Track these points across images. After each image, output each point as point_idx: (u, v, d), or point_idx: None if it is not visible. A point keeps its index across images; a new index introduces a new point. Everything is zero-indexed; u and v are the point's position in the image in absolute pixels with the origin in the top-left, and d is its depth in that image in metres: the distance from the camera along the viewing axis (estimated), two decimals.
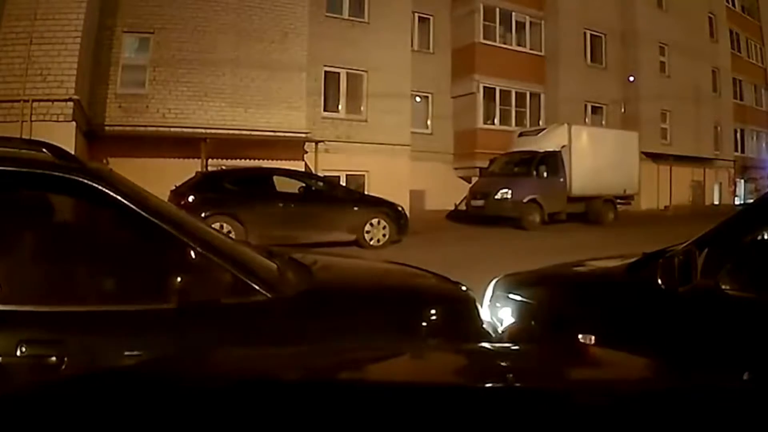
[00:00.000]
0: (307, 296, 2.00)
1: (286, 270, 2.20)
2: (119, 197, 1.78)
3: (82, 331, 1.65)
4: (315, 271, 2.34)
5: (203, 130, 12.49)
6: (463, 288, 2.51)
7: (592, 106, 21.83)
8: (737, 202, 25.28)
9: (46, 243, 1.89)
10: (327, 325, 1.90)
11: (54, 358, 1.56)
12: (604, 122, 21.73)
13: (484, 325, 2.34)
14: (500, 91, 19.58)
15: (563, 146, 15.26)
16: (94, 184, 1.77)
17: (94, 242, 2.01)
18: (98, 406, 0.87)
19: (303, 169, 13.12)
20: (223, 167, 11.80)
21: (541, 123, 19.24)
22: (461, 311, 2.28)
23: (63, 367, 1.56)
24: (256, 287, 1.84)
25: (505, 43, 19.97)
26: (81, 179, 1.77)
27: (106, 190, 1.77)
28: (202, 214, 9.04)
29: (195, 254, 1.79)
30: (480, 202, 14.72)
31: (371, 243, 10.18)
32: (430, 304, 2.26)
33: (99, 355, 1.61)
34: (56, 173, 1.78)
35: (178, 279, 1.69)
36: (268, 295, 1.85)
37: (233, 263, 1.87)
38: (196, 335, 1.71)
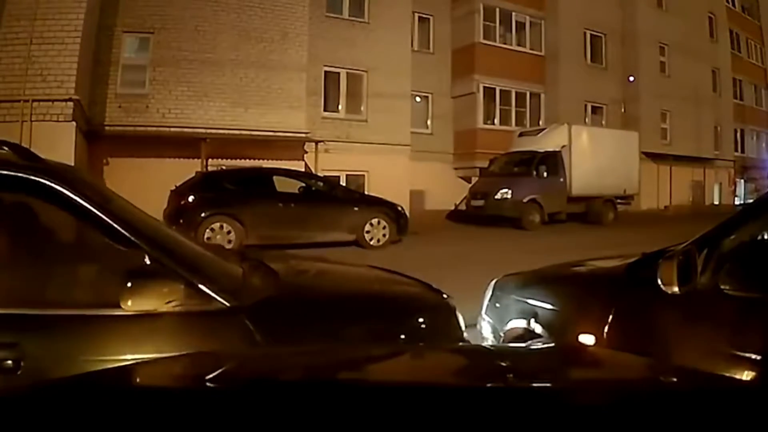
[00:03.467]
0: (269, 304, 1.93)
1: (253, 276, 2.14)
2: (78, 198, 1.73)
3: (37, 335, 1.62)
4: (284, 276, 2.27)
5: (203, 130, 12.48)
6: (445, 296, 2.42)
7: (592, 106, 21.83)
8: (737, 202, 25.28)
9: (1, 244, 1.85)
10: (287, 334, 1.84)
11: (10, 362, 1.54)
12: (604, 122, 21.74)
13: (464, 335, 2.26)
14: (500, 91, 19.58)
15: (563, 146, 15.27)
16: (53, 185, 1.72)
17: (50, 244, 1.96)
18: (97, 406, 0.87)
19: (303, 169, 13.12)
20: (223, 167, 11.80)
21: (541, 123, 19.24)
22: (441, 321, 2.20)
23: (19, 371, 1.53)
24: (213, 295, 1.79)
25: (505, 43, 19.97)
26: (39, 179, 1.72)
27: (65, 191, 1.73)
28: (202, 214, 9.06)
29: (152, 259, 1.75)
30: (480, 202, 14.73)
31: (371, 243, 10.18)
32: (408, 313, 2.19)
33: (52, 359, 1.58)
34: (13, 173, 1.73)
35: (133, 284, 1.66)
36: (226, 303, 1.79)
37: (191, 269, 1.81)
38: (147, 342, 1.67)
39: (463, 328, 2.26)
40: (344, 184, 13.85)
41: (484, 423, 0.79)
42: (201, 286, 1.78)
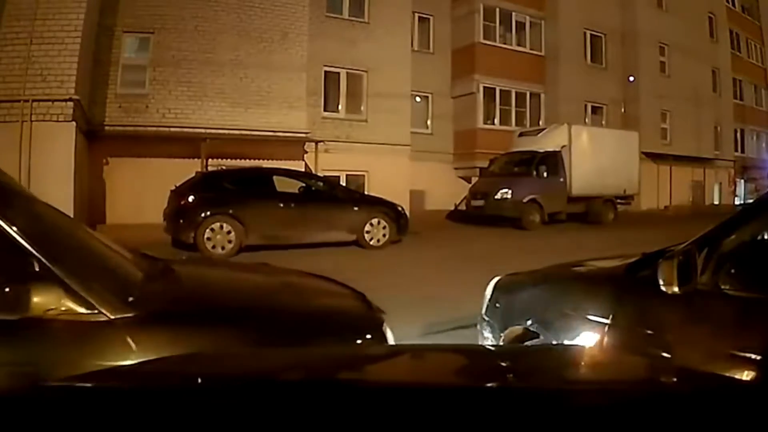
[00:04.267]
0: (159, 317, 1.79)
1: (152, 285, 2.03)
2: None
3: None
4: (190, 286, 2.16)
5: (203, 130, 12.48)
6: (374, 310, 2.27)
7: (592, 106, 21.84)
8: (737, 202, 25.29)
9: None
10: (174, 351, 1.70)
11: None
12: (604, 122, 21.75)
13: None
14: (500, 91, 19.58)
15: (563, 146, 15.27)
16: None
17: None
18: (96, 407, 0.87)
19: (303, 169, 13.12)
20: (223, 167, 11.80)
21: (541, 123, 19.25)
22: (364, 339, 2.05)
23: None
24: (95, 304, 1.65)
25: (505, 43, 19.98)
26: None
27: None
28: (202, 214, 9.06)
29: (39, 264, 1.64)
30: (480, 202, 14.73)
31: (371, 243, 10.18)
32: (328, 328, 2.03)
33: None
34: None
35: (11, 289, 1.58)
36: (108, 315, 1.66)
37: (77, 276, 1.67)
38: (15, 350, 1.57)
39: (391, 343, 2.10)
40: (344, 184, 13.85)
41: (484, 423, 0.79)
42: (84, 295, 1.65)
